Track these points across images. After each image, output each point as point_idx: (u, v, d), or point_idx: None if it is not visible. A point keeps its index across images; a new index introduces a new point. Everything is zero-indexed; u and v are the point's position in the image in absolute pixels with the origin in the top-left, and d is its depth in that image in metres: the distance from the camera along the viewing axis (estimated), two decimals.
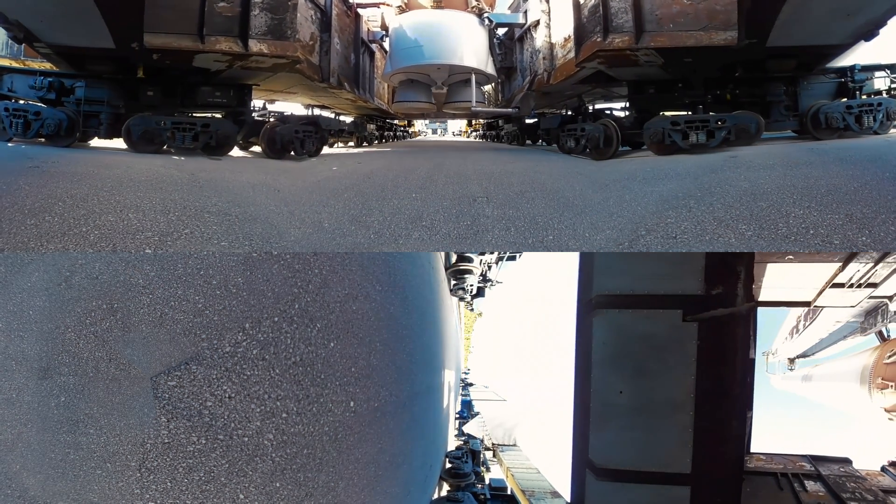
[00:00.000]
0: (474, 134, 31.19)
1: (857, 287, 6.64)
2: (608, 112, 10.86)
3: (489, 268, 20.83)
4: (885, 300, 7.56)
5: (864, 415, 9.51)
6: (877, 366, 8.58)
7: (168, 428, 2.97)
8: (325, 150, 14.31)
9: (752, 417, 7.82)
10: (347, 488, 3.52)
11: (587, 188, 6.41)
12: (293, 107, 15.71)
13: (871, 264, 6.04)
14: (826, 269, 6.43)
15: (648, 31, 8.17)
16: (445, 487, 10.60)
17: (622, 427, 4.21)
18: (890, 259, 5.77)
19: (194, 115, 9.31)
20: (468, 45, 15.36)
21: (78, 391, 3.19)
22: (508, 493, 11.03)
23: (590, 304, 4.58)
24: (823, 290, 7.01)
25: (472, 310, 30.41)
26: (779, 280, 6.94)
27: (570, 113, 11.44)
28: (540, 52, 12.25)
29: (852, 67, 9.07)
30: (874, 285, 6.67)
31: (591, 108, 11.54)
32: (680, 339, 3.71)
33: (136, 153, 8.42)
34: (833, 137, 8.68)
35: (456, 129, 42.91)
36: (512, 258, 20.70)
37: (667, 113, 9.39)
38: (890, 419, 8.05)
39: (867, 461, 7.44)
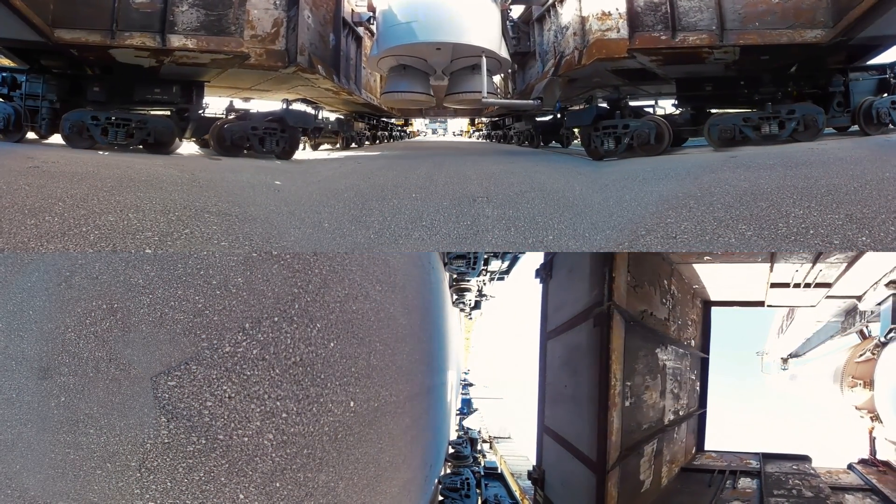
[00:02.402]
0: (476, 134, 29.72)
1: (804, 287, 6.72)
2: (647, 108, 10.13)
3: (484, 284, 22.56)
4: (855, 300, 7.64)
5: (838, 412, 9.66)
6: (848, 365, 8.72)
7: (168, 428, 2.98)
8: (312, 152, 13.40)
9: (705, 415, 7.96)
10: (347, 488, 3.52)
11: (587, 188, 6.41)
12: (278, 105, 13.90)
13: (809, 265, 6.10)
14: (762, 270, 6.53)
15: (731, 29, 8.26)
16: (448, 468, 12.08)
17: (565, 411, 5.05)
18: (831, 259, 5.82)
19: (138, 111, 9.31)
20: (476, 22, 12.23)
21: (78, 391, 3.19)
22: (499, 472, 13.06)
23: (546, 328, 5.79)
24: (767, 290, 7.11)
25: (471, 318, 32.01)
26: (729, 280, 7.04)
27: (605, 106, 10.13)
28: (569, 27, 10.41)
29: (892, 64, 9.32)
30: (828, 285, 6.73)
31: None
32: (591, 344, 4.19)
33: (73, 148, 8.47)
34: (878, 133, 8.97)
35: (456, 128, 41.54)
36: (501, 278, 22.19)
37: (716, 110, 9.52)
38: (861, 416, 8.14)
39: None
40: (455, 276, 17.01)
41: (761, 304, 7.92)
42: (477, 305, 25.20)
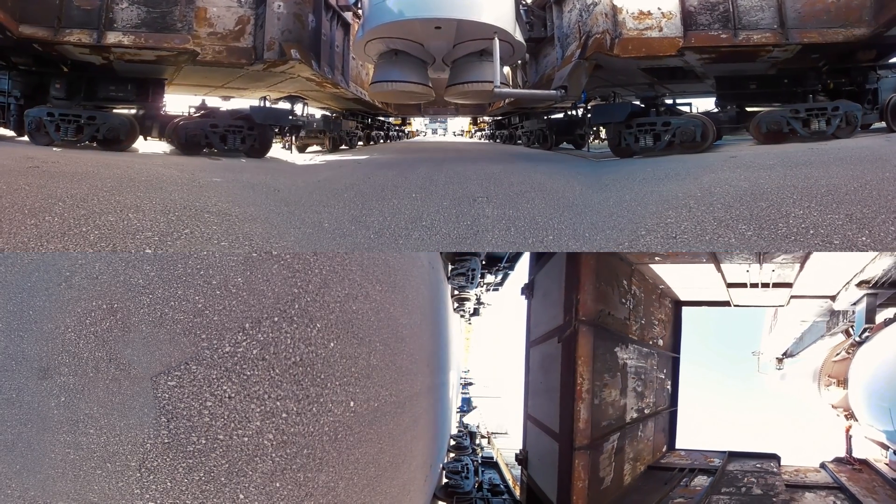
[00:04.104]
0: (479, 134, 28.60)
1: (762, 287, 6.77)
2: (680, 107, 9.96)
3: (482, 293, 23.75)
4: (830, 300, 7.70)
5: (818, 411, 9.79)
6: (825, 364, 8.81)
7: (168, 428, 2.97)
8: (298, 154, 12.55)
9: (675, 413, 8.06)
10: (347, 488, 3.52)
11: (587, 188, 6.41)
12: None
13: (757, 265, 6.14)
14: (712, 269, 6.60)
15: (791, 27, 8.47)
16: (449, 458, 13.09)
17: (541, 399, 5.87)
18: (778, 260, 5.84)
19: (103, 108, 9.41)
20: None
21: (78, 391, 3.18)
22: (494, 461, 14.61)
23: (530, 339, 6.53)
24: (727, 290, 7.19)
25: (470, 324, 32.86)
26: (693, 280, 7.07)
27: (639, 104, 9.59)
28: (597, 3, 9.28)
29: None
30: (788, 285, 6.77)
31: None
32: (558, 354, 4.93)
33: (36, 145, 8.60)
34: None
35: (457, 127, 40.17)
36: (496, 289, 23.39)
37: (752, 108, 9.69)
38: (837, 415, 8.19)
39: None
40: (456, 289, 17.36)
41: (728, 304, 7.96)
42: (476, 312, 26.57)
